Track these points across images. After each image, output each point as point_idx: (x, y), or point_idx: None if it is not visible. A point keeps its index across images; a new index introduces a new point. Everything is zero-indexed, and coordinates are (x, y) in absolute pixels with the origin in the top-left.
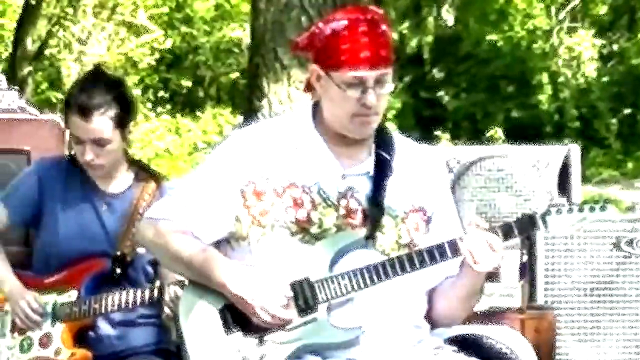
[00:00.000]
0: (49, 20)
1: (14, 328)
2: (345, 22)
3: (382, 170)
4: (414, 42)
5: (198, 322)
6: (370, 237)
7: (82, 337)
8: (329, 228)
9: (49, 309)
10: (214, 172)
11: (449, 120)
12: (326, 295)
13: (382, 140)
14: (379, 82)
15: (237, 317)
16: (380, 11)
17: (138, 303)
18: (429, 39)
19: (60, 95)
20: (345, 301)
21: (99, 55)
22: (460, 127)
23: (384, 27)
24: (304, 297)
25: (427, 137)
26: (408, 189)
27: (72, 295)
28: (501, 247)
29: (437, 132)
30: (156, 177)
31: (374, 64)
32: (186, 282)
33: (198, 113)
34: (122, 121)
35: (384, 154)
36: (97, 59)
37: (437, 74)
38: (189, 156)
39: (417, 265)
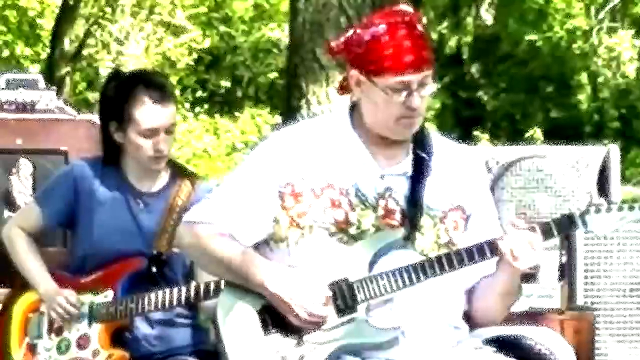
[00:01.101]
0: (87, 20)
1: (51, 329)
2: (384, 27)
3: (420, 170)
4: (453, 42)
5: (236, 323)
6: (408, 237)
7: (119, 337)
8: (368, 229)
9: (86, 309)
10: (252, 174)
11: (488, 121)
12: (365, 295)
13: (420, 140)
14: (422, 84)
15: (275, 318)
16: (416, 12)
17: (175, 303)
18: (468, 39)
19: (98, 96)
20: (384, 301)
21: (136, 56)
22: (499, 127)
23: (420, 27)
24: (343, 297)
25: (466, 137)
26: (446, 188)
27: (108, 295)
28: (541, 245)
29: (476, 132)
30: (191, 177)
31: (417, 67)
32: (223, 284)
33: (236, 113)
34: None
35: (422, 153)
36: (134, 59)
37: (476, 74)
38: (227, 157)
39: (456, 265)
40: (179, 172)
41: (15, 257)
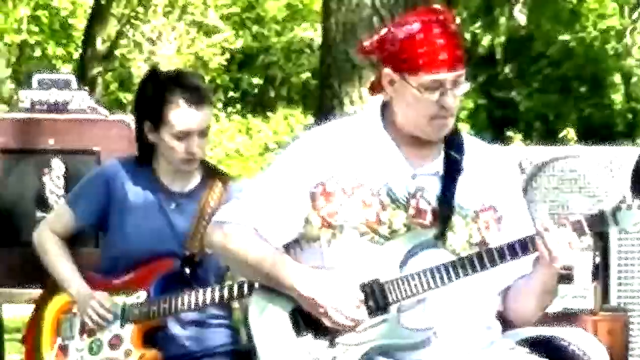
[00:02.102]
0: (119, 20)
1: (83, 330)
2: (418, 25)
3: (451, 169)
4: (486, 42)
5: (268, 325)
6: (440, 236)
7: (151, 338)
8: (399, 228)
9: (118, 310)
10: (283, 175)
11: (521, 121)
12: (397, 295)
13: (451, 140)
14: (455, 83)
15: (307, 319)
16: (450, 11)
17: (208, 303)
18: (502, 39)
19: (130, 96)
20: (417, 302)
21: (168, 56)
22: (532, 127)
23: (454, 27)
24: (375, 298)
25: (499, 137)
26: (478, 188)
27: (141, 296)
28: (577, 243)
29: (510, 133)
30: (224, 177)
31: (452, 65)
32: (255, 285)
33: (269, 113)
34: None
35: (453, 153)
36: (167, 59)
37: (509, 74)
38: (259, 157)
39: (488, 264)
40: (211, 172)
41: (47, 259)
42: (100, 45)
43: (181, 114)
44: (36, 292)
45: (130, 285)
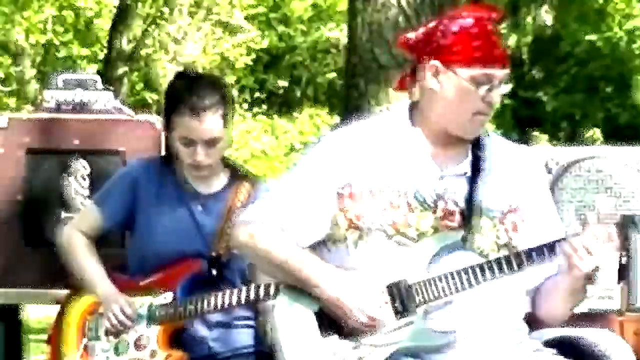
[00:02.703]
0: (144, 20)
1: (109, 331)
2: (472, 20)
3: (479, 170)
4: (512, 42)
5: (294, 325)
6: (467, 238)
7: (177, 339)
8: (426, 230)
9: (145, 311)
10: (310, 175)
11: (548, 121)
12: (423, 297)
13: (479, 141)
14: (502, 81)
15: (332, 320)
16: (500, 11)
17: (234, 304)
18: (528, 39)
19: (155, 96)
20: (443, 304)
21: (194, 56)
22: (559, 127)
23: (498, 26)
24: (401, 300)
25: (525, 137)
26: (505, 189)
27: (167, 297)
28: (601, 249)
29: (536, 133)
30: (250, 178)
31: (503, 63)
32: (281, 286)
33: (295, 114)
34: (228, 120)
35: (481, 154)
36: (192, 59)
37: (535, 74)
38: (285, 157)
39: (515, 268)
40: (238, 173)
41: (74, 260)
42: (126, 46)
43: (184, 123)
44: (61, 293)
45: (157, 286)
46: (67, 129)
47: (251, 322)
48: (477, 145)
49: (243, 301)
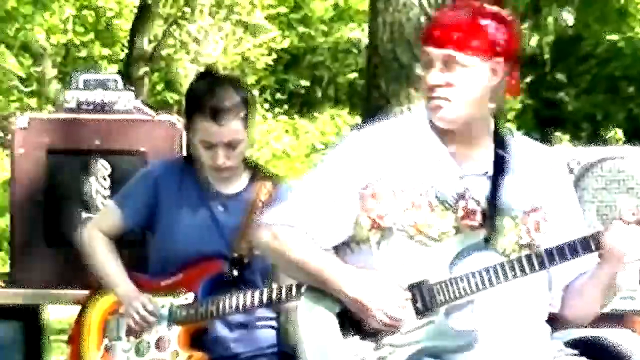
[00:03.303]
0: (165, 20)
1: (130, 331)
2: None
3: (501, 169)
4: (534, 43)
5: (315, 326)
6: (489, 238)
7: (198, 339)
8: (448, 230)
9: (166, 311)
10: (332, 175)
11: (569, 121)
12: (444, 297)
13: (501, 139)
14: (441, 62)
15: (354, 321)
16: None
17: (255, 305)
18: (549, 39)
19: (176, 96)
20: (465, 304)
21: (214, 56)
22: (580, 128)
23: (486, 21)
24: (423, 300)
25: (546, 138)
26: (527, 189)
27: (188, 297)
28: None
29: (557, 133)
30: (272, 178)
31: (439, 42)
32: (303, 287)
33: (316, 114)
34: (249, 121)
35: (503, 153)
36: (213, 59)
37: (557, 74)
38: (306, 157)
39: (537, 268)
40: (259, 173)
41: (94, 259)
42: (146, 46)
43: (204, 127)
44: (81, 293)
45: (178, 286)
46: (88, 129)
47: (273, 323)
48: (499, 144)
49: (264, 302)
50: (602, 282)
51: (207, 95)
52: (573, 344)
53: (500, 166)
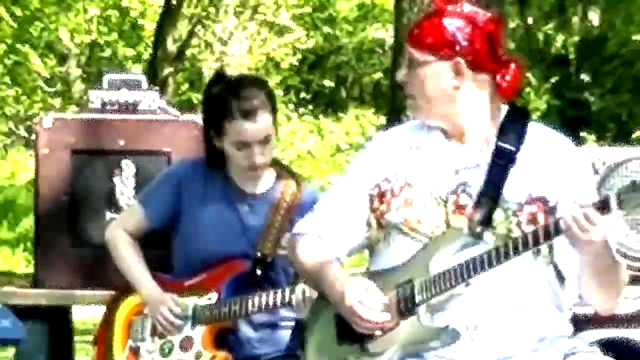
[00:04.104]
0: (190, 20)
1: (154, 332)
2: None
3: (499, 161)
4: (559, 43)
5: (319, 332)
6: (479, 231)
7: (222, 339)
8: (439, 225)
9: (189, 312)
10: (346, 181)
11: (595, 121)
12: (424, 296)
13: (507, 130)
14: (413, 63)
15: (347, 326)
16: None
17: (279, 305)
18: (575, 39)
19: (201, 97)
20: (447, 300)
21: (239, 56)
22: (605, 128)
23: (449, 20)
24: (405, 300)
25: (572, 138)
26: (529, 179)
27: (212, 297)
28: (597, 218)
29: (583, 133)
30: (297, 178)
31: (413, 43)
32: None
33: (340, 114)
34: (275, 109)
35: (504, 144)
36: (238, 59)
37: (583, 74)
38: (331, 158)
39: (511, 254)
40: (284, 173)
41: (118, 259)
42: (171, 46)
43: (236, 126)
44: (106, 294)
45: (202, 286)
46: (113, 129)
47: (298, 322)
48: (503, 135)
49: (287, 302)
50: (589, 269)
51: (232, 96)
52: (599, 343)
53: (499, 158)
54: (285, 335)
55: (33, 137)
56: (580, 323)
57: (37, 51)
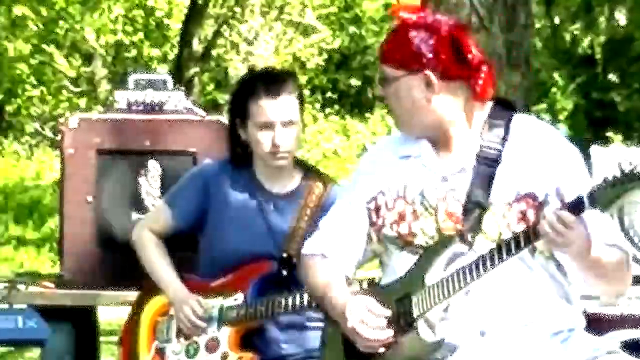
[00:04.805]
0: (216, 20)
1: (180, 333)
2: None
3: (483, 163)
4: (585, 43)
5: (330, 349)
6: (470, 237)
7: (248, 340)
8: (433, 235)
9: (216, 312)
10: (345, 195)
11: (621, 121)
12: (420, 309)
13: (492, 128)
14: (384, 78)
15: (354, 345)
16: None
17: (305, 305)
18: (601, 39)
19: (227, 97)
20: (442, 311)
21: (265, 56)
22: (632, 128)
23: (414, 33)
24: (404, 315)
25: (599, 138)
26: (516, 177)
27: (238, 298)
28: (574, 222)
29: (609, 133)
30: (323, 179)
31: (381, 58)
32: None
33: (367, 114)
34: (302, 106)
35: (489, 144)
36: (264, 59)
37: (610, 75)
38: (357, 158)
39: (496, 262)
40: (311, 174)
41: (144, 260)
42: (197, 46)
43: (261, 105)
44: (132, 294)
45: (228, 287)
46: (138, 130)
47: (324, 323)
48: (489, 134)
49: (314, 302)
50: (581, 265)
51: (260, 79)
52: (629, 345)
53: (483, 160)
54: (312, 335)
55: (58, 137)
56: (605, 324)
57: (62, 51)
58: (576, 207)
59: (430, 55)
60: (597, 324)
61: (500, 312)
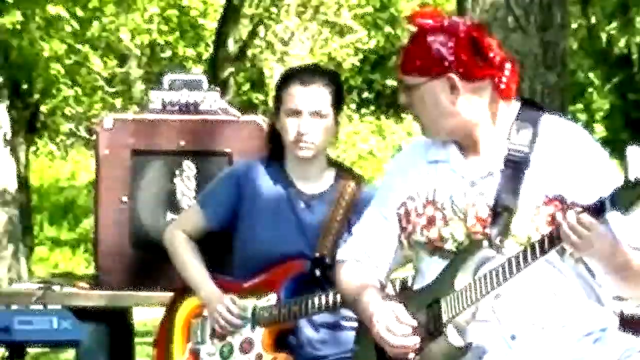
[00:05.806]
0: (251, 20)
1: (214, 334)
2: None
3: (511, 167)
4: (622, 43)
5: (362, 353)
6: (499, 242)
7: (283, 341)
8: (462, 240)
9: (249, 313)
10: (378, 203)
11: None
12: (449, 314)
13: (520, 130)
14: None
15: (383, 351)
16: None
17: (339, 304)
18: (637, 39)
19: (261, 97)
20: (472, 316)
21: (301, 56)
22: None
23: (432, 37)
24: (433, 320)
25: (635, 138)
26: (544, 179)
27: (271, 298)
28: (594, 224)
29: None
30: (357, 179)
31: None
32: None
33: (402, 114)
34: (337, 102)
35: (516, 147)
36: (299, 59)
37: None
38: (392, 158)
39: (530, 261)
40: (344, 173)
41: (177, 261)
42: (232, 46)
43: (291, 92)
44: (166, 295)
45: (261, 287)
46: (173, 130)
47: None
48: (516, 137)
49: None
50: (605, 268)
51: (298, 70)
52: None
53: (511, 164)
54: (347, 335)
55: (93, 137)
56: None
57: (97, 52)
58: (598, 209)
59: (452, 58)
60: (634, 325)
61: (531, 315)
